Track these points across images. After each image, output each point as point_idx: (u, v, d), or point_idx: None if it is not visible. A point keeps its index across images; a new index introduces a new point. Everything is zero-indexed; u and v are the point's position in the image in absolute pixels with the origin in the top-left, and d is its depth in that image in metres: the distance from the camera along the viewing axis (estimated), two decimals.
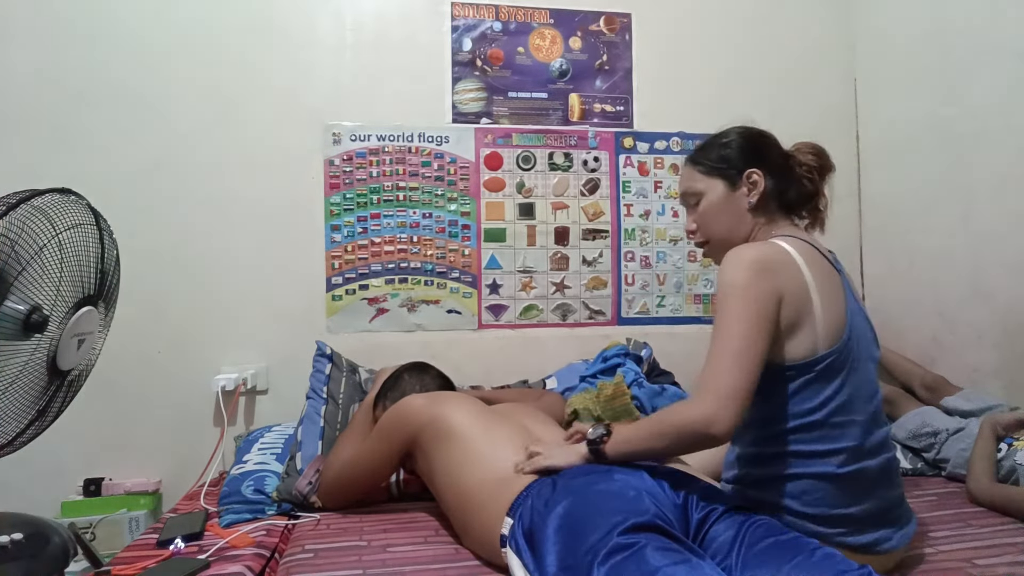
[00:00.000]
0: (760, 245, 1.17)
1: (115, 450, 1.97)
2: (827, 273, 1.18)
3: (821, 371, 1.11)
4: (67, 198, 1.13)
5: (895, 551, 1.15)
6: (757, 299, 1.09)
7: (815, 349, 1.11)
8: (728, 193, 1.28)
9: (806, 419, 1.11)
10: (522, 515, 1.10)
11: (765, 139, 1.32)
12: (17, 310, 1.02)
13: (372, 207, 2.18)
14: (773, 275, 1.11)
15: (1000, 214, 1.90)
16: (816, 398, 1.11)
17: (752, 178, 1.25)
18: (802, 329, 1.11)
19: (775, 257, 1.14)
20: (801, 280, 1.13)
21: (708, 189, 1.29)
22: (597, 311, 2.30)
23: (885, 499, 1.14)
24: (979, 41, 1.96)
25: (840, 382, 1.12)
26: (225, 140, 2.08)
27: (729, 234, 1.27)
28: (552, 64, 2.30)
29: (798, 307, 1.11)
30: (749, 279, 1.10)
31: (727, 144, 1.30)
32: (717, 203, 1.28)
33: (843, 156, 2.43)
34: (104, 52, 2.02)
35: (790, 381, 1.12)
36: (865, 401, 1.14)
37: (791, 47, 2.44)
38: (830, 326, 1.12)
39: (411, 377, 1.64)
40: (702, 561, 0.93)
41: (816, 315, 1.12)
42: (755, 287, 1.09)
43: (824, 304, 1.13)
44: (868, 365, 1.18)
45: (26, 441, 1.14)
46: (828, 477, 1.10)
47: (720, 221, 1.28)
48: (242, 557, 1.27)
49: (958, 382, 1.98)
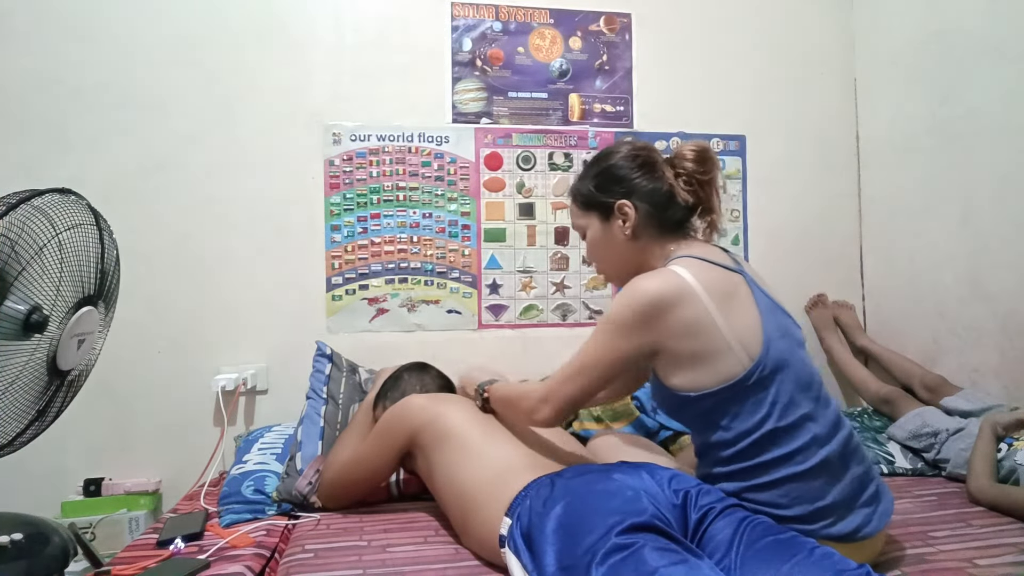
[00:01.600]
0: (657, 278, 1.15)
1: (115, 450, 1.98)
2: (728, 285, 1.16)
3: (755, 383, 1.11)
4: (67, 198, 1.13)
5: (878, 534, 1.15)
6: (622, 341, 1.16)
7: (741, 365, 1.11)
8: (603, 226, 1.29)
9: (759, 432, 1.11)
10: (520, 515, 1.10)
11: (634, 161, 1.26)
12: (17, 310, 1.02)
13: (372, 207, 2.18)
14: (654, 327, 1.13)
15: (1000, 214, 1.89)
16: (760, 410, 1.11)
17: (624, 210, 1.24)
18: (719, 353, 1.11)
19: (669, 292, 1.13)
20: (701, 308, 1.12)
21: (587, 224, 1.31)
22: (597, 311, 2.30)
23: (857, 477, 1.14)
24: (979, 42, 1.95)
25: (776, 386, 1.11)
26: (225, 140, 2.08)
27: (617, 265, 1.30)
28: (552, 64, 2.30)
29: (702, 334, 1.12)
30: (631, 325, 1.15)
31: (596, 174, 1.29)
32: (596, 237, 1.30)
33: (843, 156, 2.46)
34: (104, 52, 2.02)
35: (730, 403, 1.12)
36: (805, 390, 1.14)
37: (791, 47, 2.44)
38: (746, 338, 1.12)
39: (411, 377, 1.64)
40: (700, 561, 0.93)
41: (726, 337, 1.11)
42: (630, 335, 1.15)
43: (731, 322, 1.12)
44: (796, 353, 1.17)
45: (26, 441, 1.14)
46: (798, 476, 1.10)
47: (604, 254, 1.31)
48: (242, 557, 1.27)
49: (958, 382, 1.98)
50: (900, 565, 1.19)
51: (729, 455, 1.14)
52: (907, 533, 1.32)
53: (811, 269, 2.42)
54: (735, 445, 1.13)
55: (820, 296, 2.40)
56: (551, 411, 1.24)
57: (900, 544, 1.27)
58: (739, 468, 1.13)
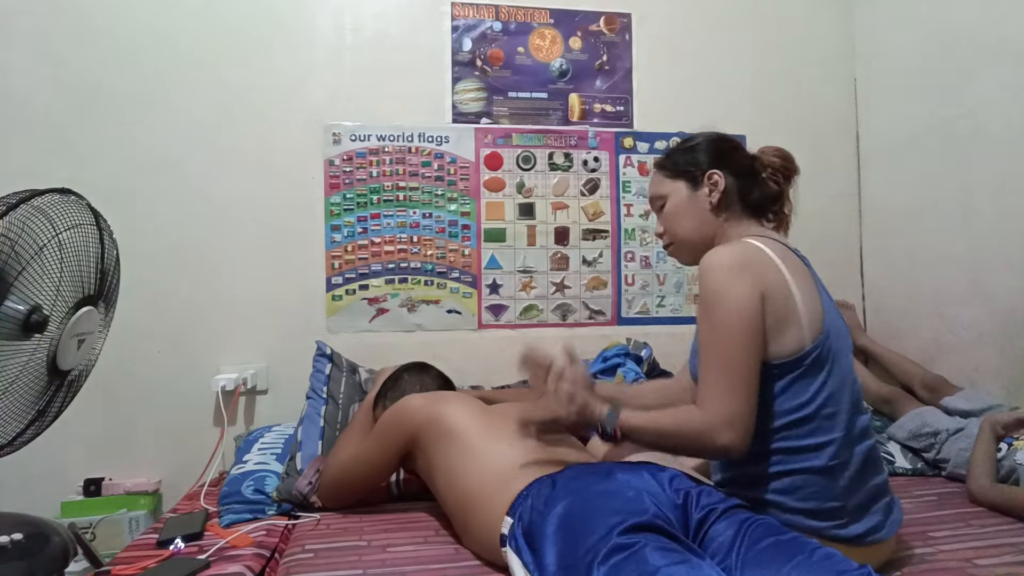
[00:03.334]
0: (734, 245, 1.19)
1: (115, 450, 1.98)
2: (800, 268, 1.19)
3: (809, 365, 1.12)
4: (67, 198, 1.13)
5: (886, 541, 1.16)
6: (741, 307, 1.10)
7: (802, 344, 1.12)
8: (690, 194, 1.30)
9: (797, 414, 1.12)
10: (522, 515, 1.10)
11: (729, 142, 1.35)
12: (17, 310, 1.02)
13: (372, 207, 2.18)
14: (752, 275, 1.12)
15: (1000, 214, 1.90)
16: (806, 392, 1.12)
17: (713, 178, 1.28)
18: (789, 325, 1.12)
19: (751, 255, 1.15)
20: (780, 276, 1.14)
21: (672, 192, 1.32)
22: (597, 311, 2.30)
23: (873, 486, 1.15)
24: (979, 42, 1.95)
25: (827, 373, 1.13)
26: (225, 140, 2.08)
27: (692, 234, 1.30)
28: (552, 64, 2.30)
29: (782, 303, 1.12)
30: (730, 285, 1.11)
31: (690, 148, 1.34)
32: (680, 204, 1.31)
33: (843, 156, 2.46)
34: (104, 52, 2.02)
35: (779, 378, 1.13)
36: (848, 389, 1.16)
37: (791, 47, 2.44)
38: (811, 320, 1.13)
39: (411, 377, 1.63)
40: (702, 561, 0.93)
41: (799, 309, 1.13)
42: (737, 293, 1.10)
43: (803, 298, 1.14)
44: (847, 355, 1.20)
45: (26, 441, 1.14)
46: (820, 470, 1.11)
47: (683, 221, 1.31)
48: (242, 557, 1.27)
49: (958, 382, 1.98)
50: (900, 565, 1.19)
51: (760, 433, 1.12)
52: (907, 533, 1.32)
53: None
54: (770, 423, 1.13)
55: None
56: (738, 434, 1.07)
57: (900, 544, 1.27)
58: (766, 450, 1.13)
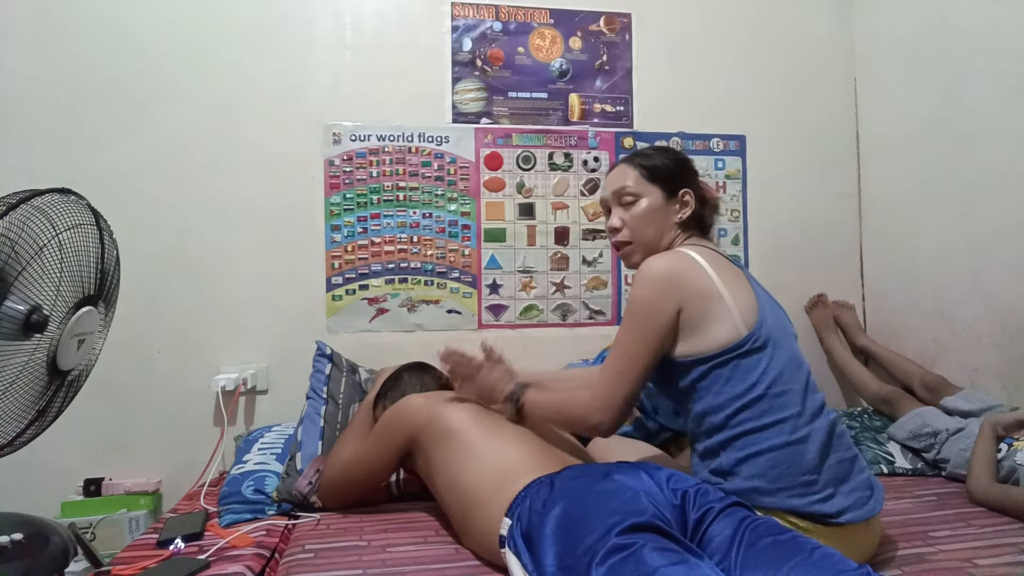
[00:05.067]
0: (669, 256, 1.27)
1: (115, 450, 1.98)
2: (730, 269, 1.27)
3: (748, 350, 1.18)
4: (67, 198, 1.13)
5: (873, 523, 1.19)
6: (654, 316, 1.21)
7: (738, 332, 1.19)
8: (664, 203, 1.36)
9: (748, 396, 1.17)
10: (520, 516, 1.10)
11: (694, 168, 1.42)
12: (17, 310, 1.02)
13: (372, 207, 2.18)
14: (676, 288, 1.21)
15: (1000, 214, 1.89)
16: (751, 375, 1.18)
17: (686, 198, 1.36)
18: (719, 318, 1.20)
19: (682, 265, 1.24)
20: (705, 277, 1.22)
21: (647, 194, 1.36)
22: (597, 311, 2.30)
23: (845, 460, 1.19)
24: (979, 41, 1.95)
25: (769, 355, 1.19)
26: (225, 140, 2.08)
27: (654, 240, 1.36)
28: (552, 64, 2.30)
29: (708, 301, 1.20)
30: (653, 296, 1.22)
31: (669, 158, 1.39)
32: (652, 210, 1.36)
33: (843, 156, 2.46)
34: (104, 52, 2.02)
35: (722, 367, 1.19)
36: (795, 370, 1.21)
37: (791, 47, 2.44)
38: (744, 310, 1.21)
39: (411, 377, 1.64)
40: (700, 561, 0.93)
41: (727, 302, 1.20)
42: (656, 304, 1.21)
43: (732, 292, 1.21)
44: (790, 340, 1.26)
45: (26, 441, 1.14)
46: (782, 446, 1.15)
47: (651, 228, 1.36)
48: (242, 557, 1.27)
49: (958, 382, 1.97)
50: (900, 565, 1.19)
51: (719, 421, 1.19)
52: (907, 533, 1.33)
53: (811, 269, 2.41)
54: (725, 409, 1.18)
55: (820, 296, 2.40)
56: (611, 416, 1.24)
57: (900, 544, 1.27)
58: (729, 436, 1.18)
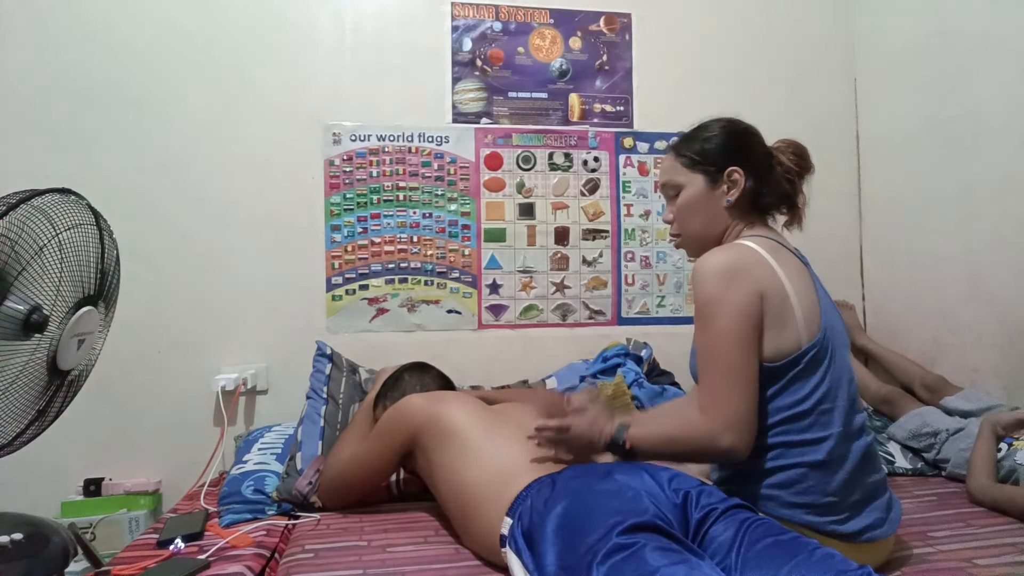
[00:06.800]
0: (726, 249, 1.19)
1: (115, 450, 1.98)
2: (796, 267, 1.20)
3: (807, 363, 1.13)
4: (67, 198, 1.13)
5: (885, 540, 1.16)
6: (739, 310, 1.11)
7: (799, 343, 1.13)
8: (707, 190, 1.27)
9: (794, 410, 1.13)
10: (521, 515, 1.10)
11: (749, 136, 1.30)
12: (17, 310, 1.02)
13: (372, 207, 2.18)
14: (747, 277, 1.13)
15: (1000, 214, 1.89)
16: (803, 389, 1.13)
17: (733, 177, 1.25)
18: (786, 325, 1.13)
19: (744, 258, 1.16)
20: (774, 277, 1.14)
21: (688, 183, 1.28)
22: (597, 311, 2.30)
23: (871, 483, 1.16)
24: (979, 41, 1.95)
25: (824, 371, 1.14)
26: (225, 140, 2.08)
27: (703, 231, 1.28)
28: (552, 64, 2.30)
29: (778, 303, 1.13)
30: (724, 289, 1.12)
31: (710, 138, 1.29)
32: (695, 199, 1.27)
33: (843, 156, 2.46)
34: (104, 53, 2.02)
35: (778, 379, 1.14)
36: (845, 386, 1.16)
37: (791, 47, 2.44)
38: (808, 318, 1.14)
39: (411, 377, 1.64)
40: (701, 561, 0.93)
41: (795, 309, 1.13)
42: (733, 296, 1.11)
43: (799, 298, 1.14)
44: (844, 352, 1.20)
45: (26, 441, 1.14)
46: (817, 465, 1.12)
47: (696, 217, 1.28)
48: (242, 557, 1.27)
49: (958, 382, 1.98)
50: (900, 565, 1.19)
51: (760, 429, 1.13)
52: (907, 533, 1.32)
53: None
54: (766, 419, 1.13)
55: None
56: (739, 435, 1.09)
57: (900, 544, 1.27)
58: (762, 445, 1.14)
